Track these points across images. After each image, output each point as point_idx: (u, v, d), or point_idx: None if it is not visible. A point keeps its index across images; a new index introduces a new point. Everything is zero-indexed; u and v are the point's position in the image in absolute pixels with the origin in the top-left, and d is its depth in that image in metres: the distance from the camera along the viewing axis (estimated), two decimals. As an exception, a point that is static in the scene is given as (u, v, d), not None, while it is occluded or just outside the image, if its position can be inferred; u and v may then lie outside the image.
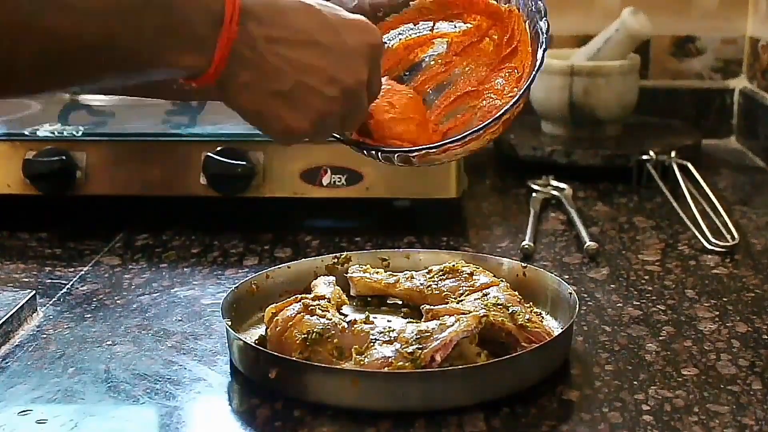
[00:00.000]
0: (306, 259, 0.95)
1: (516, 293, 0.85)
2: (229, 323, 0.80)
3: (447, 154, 0.77)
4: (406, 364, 0.73)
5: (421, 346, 0.74)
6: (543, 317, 0.85)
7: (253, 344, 0.79)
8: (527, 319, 0.80)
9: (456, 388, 0.73)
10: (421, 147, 0.77)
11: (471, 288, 0.86)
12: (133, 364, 0.81)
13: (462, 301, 0.84)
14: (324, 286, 0.87)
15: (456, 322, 0.76)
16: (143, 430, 0.73)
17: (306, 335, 0.77)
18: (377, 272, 0.91)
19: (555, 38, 1.55)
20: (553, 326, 0.85)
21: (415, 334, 0.76)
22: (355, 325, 0.78)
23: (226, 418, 0.74)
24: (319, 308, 0.81)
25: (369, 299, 0.90)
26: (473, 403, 0.73)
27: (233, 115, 1.25)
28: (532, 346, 0.78)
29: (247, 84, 0.69)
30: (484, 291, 0.85)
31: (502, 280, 0.87)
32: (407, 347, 0.74)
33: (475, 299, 0.83)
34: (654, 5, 1.47)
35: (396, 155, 0.78)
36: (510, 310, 0.80)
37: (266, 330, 0.82)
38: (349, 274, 0.90)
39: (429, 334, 0.76)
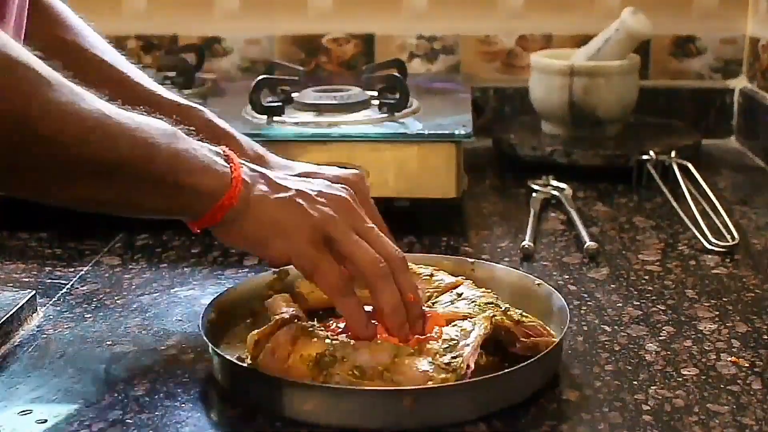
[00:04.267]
0: (247, 278, 0.92)
1: (490, 291, 0.85)
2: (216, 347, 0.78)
3: None
4: (448, 375, 0.71)
5: (455, 355, 0.73)
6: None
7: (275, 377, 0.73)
8: (521, 314, 0.80)
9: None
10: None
11: (437, 289, 0.85)
12: (133, 364, 0.81)
13: (436, 302, 0.83)
14: (285, 305, 0.83)
15: (474, 326, 0.76)
16: (143, 430, 0.73)
17: (316, 359, 0.73)
18: None
19: (555, 38, 1.56)
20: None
21: (443, 344, 0.75)
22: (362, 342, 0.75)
23: (227, 418, 0.74)
24: (317, 329, 0.77)
25: (320, 312, 0.85)
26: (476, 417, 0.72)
27: (233, 115, 1.26)
28: (530, 340, 0.78)
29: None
30: (457, 291, 0.84)
31: (464, 279, 0.86)
32: (441, 358, 0.73)
33: (451, 300, 0.83)
34: (654, 5, 1.47)
35: None
36: (503, 307, 0.80)
37: (251, 358, 0.77)
38: (299, 289, 0.87)
39: (456, 342, 0.75)
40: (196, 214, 0.77)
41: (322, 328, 0.78)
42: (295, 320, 0.79)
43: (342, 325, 0.79)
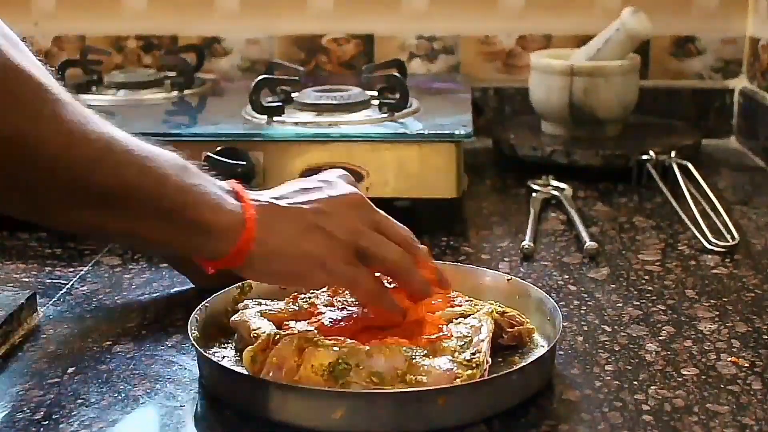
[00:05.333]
0: (215, 294, 0.87)
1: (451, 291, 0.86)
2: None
3: None
4: (473, 371, 0.72)
5: (473, 351, 0.74)
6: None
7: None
8: (500, 305, 0.82)
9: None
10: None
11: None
12: (133, 364, 0.81)
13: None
14: (260, 320, 0.80)
15: (480, 322, 0.77)
16: (143, 430, 0.73)
17: (330, 368, 0.71)
18: (275, 303, 0.84)
19: (555, 38, 1.56)
20: (539, 343, 0.83)
21: (458, 342, 0.75)
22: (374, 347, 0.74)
23: (227, 417, 0.74)
24: (322, 338, 0.75)
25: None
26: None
27: (233, 115, 1.26)
28: (515, 329, 0.80)
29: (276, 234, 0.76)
30: None
31: None
32: (460, 355, 0.73)
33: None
34: (654, 5, 1.47)
35: None
36: (487, 301, 0.82)
37: (252, 375, 0.74)
38: (242, 318, 0.81)
39: (470, 338, 0.75)
40: (211, 254, 0.75)
41: (324, 337, 0.76)
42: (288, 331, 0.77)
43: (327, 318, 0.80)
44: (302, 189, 0.80)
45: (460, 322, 0.79)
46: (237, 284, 0.87)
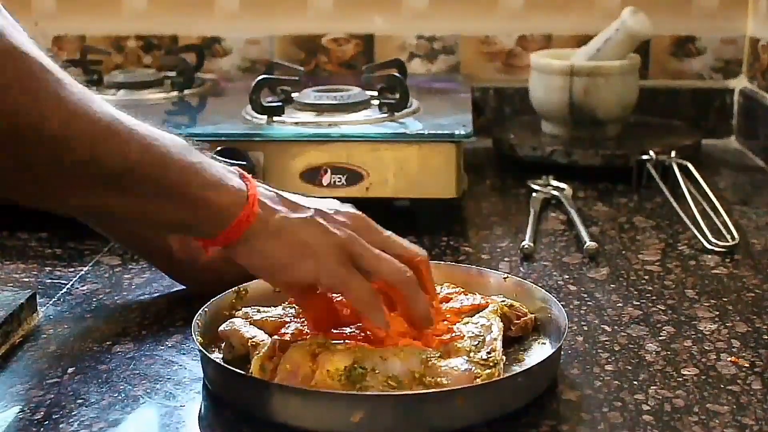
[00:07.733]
0: (213, 300, 0.85)
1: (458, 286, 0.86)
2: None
3: None
4: (492, 370, 0.72)
5: (488, 350, 0.74)
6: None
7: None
8: (504, 298, 0.83)
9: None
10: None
11: None
12: (133, 364, 0.81)
13: None
14: (252, 328, 0.80)
15: (490, 321, 0.78)
16: (143, 430, 0.73)
17: (346, 372, 0.71)
18: (267, 310, 0.83)
19: (555, 38, 1.56)
20: (541, 343, 0.84)
21: (472, 341, 0.75)
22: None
23: (227, 417, 0.74)
24: (333, 345, 0.74)
25: None
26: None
27: (233, 115, 1.26)
28: (521, 321, 0.82)
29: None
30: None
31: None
32: (475, 355, 0.74)
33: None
34: (654, 5, 1.47)
35: None
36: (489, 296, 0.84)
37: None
38: (233, 327, 0.80)
39: (483, 337, 0.76)
40: (211, 231, 0.75)
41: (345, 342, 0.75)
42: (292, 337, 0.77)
43: None
44: (311, 199, 0.80)
45: (468, 322, 0.79)
46: (233, 288, 0.86)
